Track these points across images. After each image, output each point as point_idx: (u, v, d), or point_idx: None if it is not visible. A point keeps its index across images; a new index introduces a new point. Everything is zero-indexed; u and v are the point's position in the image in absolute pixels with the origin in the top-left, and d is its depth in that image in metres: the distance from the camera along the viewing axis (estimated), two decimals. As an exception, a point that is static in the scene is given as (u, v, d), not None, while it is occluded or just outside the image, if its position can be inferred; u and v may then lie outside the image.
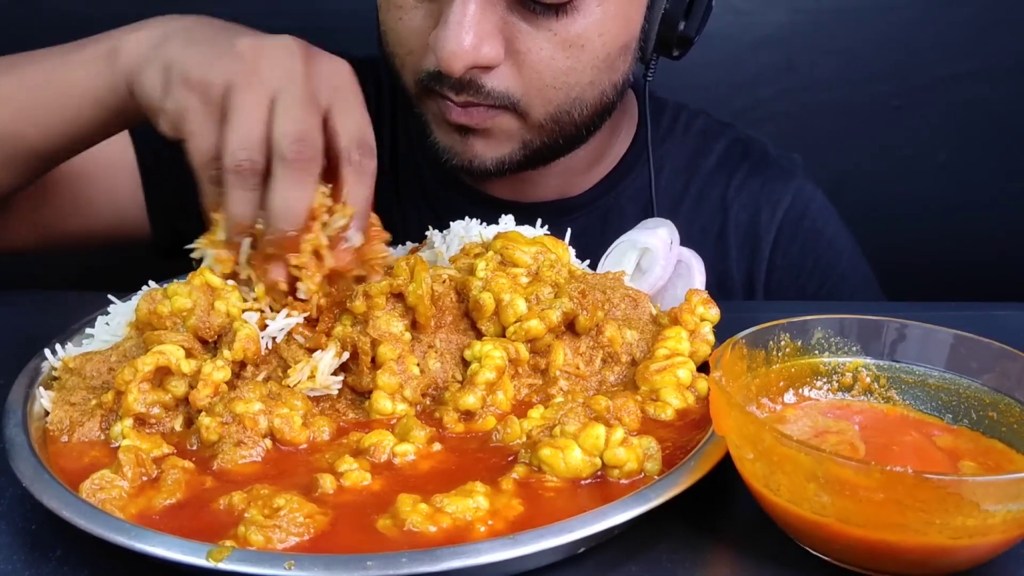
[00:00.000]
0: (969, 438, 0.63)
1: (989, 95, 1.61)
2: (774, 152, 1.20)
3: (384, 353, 0.70)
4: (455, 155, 0.98)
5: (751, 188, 1.16)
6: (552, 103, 0.95)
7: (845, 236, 1.19)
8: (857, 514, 0.52)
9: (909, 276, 1.36)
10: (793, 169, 1.18)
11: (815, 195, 1.18)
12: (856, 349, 0.68)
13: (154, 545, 0.52)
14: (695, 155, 1.18)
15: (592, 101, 0.98)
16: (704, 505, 0.62)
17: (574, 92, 0.95)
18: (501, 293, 0.73)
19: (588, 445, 0.61)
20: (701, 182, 1.16)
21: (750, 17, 1.58)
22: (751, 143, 1.20)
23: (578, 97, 0.96)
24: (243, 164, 0.68)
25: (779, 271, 1.15)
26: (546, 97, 0.94)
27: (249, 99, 0.69)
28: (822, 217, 1.17)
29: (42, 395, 0.70)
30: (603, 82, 0.97)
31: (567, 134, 0.99)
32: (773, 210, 1.15)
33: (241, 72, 0.69)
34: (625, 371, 0.75)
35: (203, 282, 0.74)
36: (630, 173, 1.14)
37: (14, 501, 0.62)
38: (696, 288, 0.81)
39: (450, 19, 0.86)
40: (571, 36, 0.91)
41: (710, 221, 1.15)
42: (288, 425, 0.65)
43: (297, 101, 0.69)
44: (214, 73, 0.70)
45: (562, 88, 0.94)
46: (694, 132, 1.19)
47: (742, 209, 1.15)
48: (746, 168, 1.17)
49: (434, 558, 0.51)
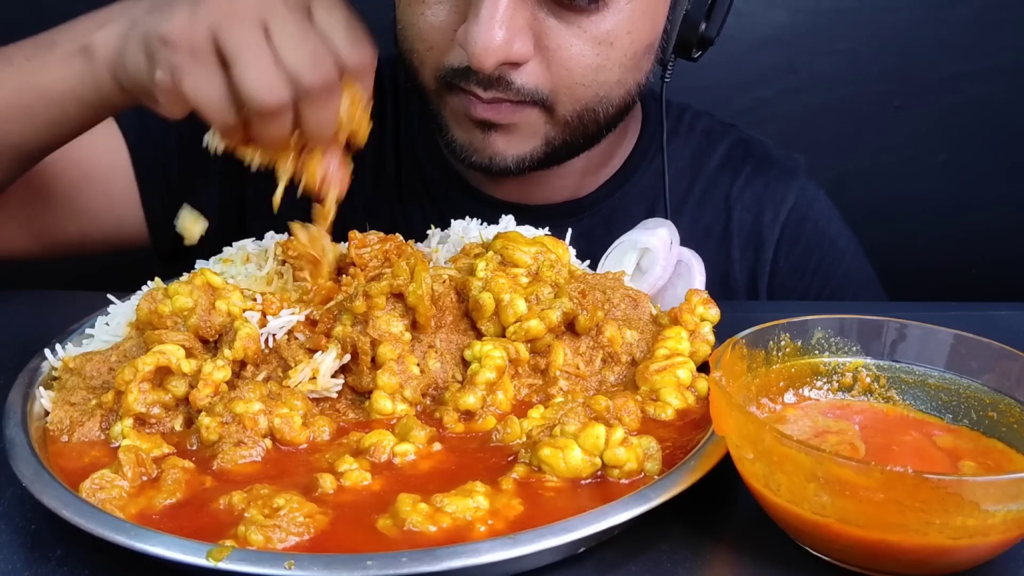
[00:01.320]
0: (969, 438, 0.63)
1: (989, 95, 1.61)
2: (776, 153, 1.20)
3: (384, 353, 0.70)
4: (475, 152, 0.97)
5: (754, 189, 1.16)
6: (580, 101, 0.95)
7: (848, 237, 1.19)
8: (857, 514, 0.52)
9: (909, 276, 1.36)
10: (795, 170, 1.18)
11: (818, 196, 1.18)
12: (856, 349, 0.68)
13: (154, 545, 0.52)
14: (699, 155, 1.18)
15: (618, 100, 0.98)
16: (704, 505, 0.62)
17: (602, 90, 0.95)
18: (501, 293, 0.73)
19: (588, 445, 0.61)
20: (705, 182, 1.16)
21: (751, 18, 1.58)
22: (753, 144, 1.20)
23: (605, 96, 0.95)
24: (271, 104, 0.68)
25: (782, 272, 1.15)
26: (575, 95, 0.94)
27: (242, 36, 0.68)
28: (825, 218, 1.17)
29: (42, 395, 0.70)
30: (629, 81, 0.97)
31: (589, 132, 0.99)
32: (776, 211, 1.15)
33: (220, 12, 0.68)
34: (625, 371, 0.75)
35: (204, 281, 0.74)
36: (635, 174, 1.14)
37: (14, 501, 0.62)
38: (696, 288, 0.81)
39: (481, 14, 0.85)
40: (601, 33, 0.91)
41: (714, 221, 1.15)
42: (288, 425, 0.65)
43: (290, 22, 0.69)
44: (193, 24, 0.68)
45: (591, 86, 0.94)
46: (698, 132, 1.20)
47: (745, 210, 1.15)
48: (749, 169, 1.17)
49: (434, 558, 0.51)
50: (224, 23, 0.68)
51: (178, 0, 0.71)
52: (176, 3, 0.71)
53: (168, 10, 0.71)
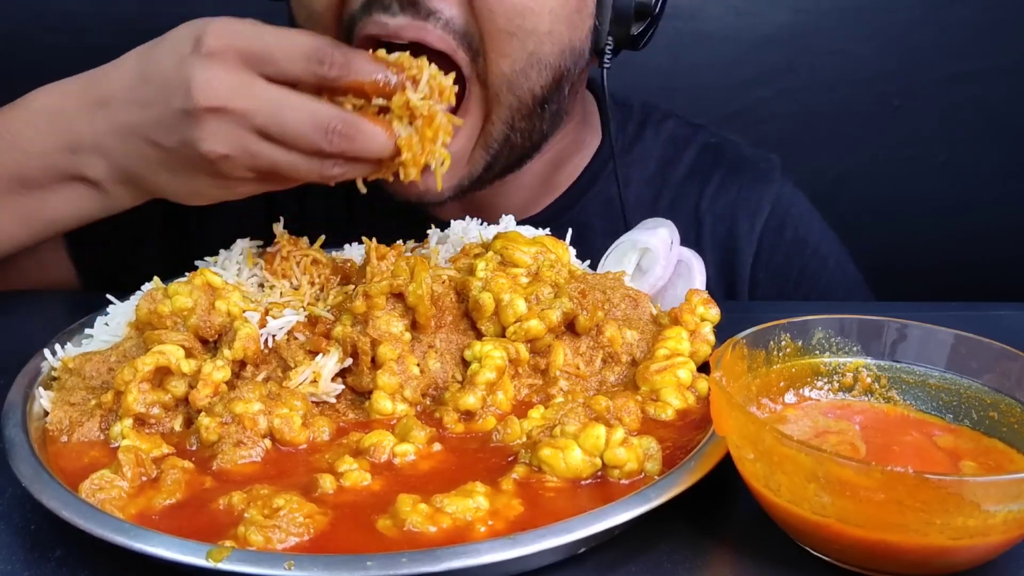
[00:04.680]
0: (970, 438, 0.63)
1: (989, 95, 1.61)
2: (749, 153, 1.14)
3: (384, 353, 0.70)
4: (398, 191, 0.88)
5: (726, 198, 1.09)
6: (508, 56, 0.86)
7: (830, 240, 1.13)
8: (857, 514, 0.52)
9: (909, 276, 1.36)
10: (770, 173, 1.12)
11: (795, 199, 1.12)
12: (857, 349, 0.68)
13: (154, 545, 0.52)
14: (664, 164, 1.11)
15: (553, 61, 0.89)
16: (704, 505, 0.62)
17: (531, 42, 0.86)
18: (501, 293, 0.73)
19: (588, 445, 0.61)
20: (672, 193, 1.10)
21: (750, 18, 1.58)
22: (724, 147, 1.13)
23: (536, 51, 0.87)
24: (336, 127, 0.74)
25: (763, 284, 1.09)
26: (501, 47, 0.85)
27: (259, 106, 0.73)
28: (804, 223, 1.11)
29: (42, 395, 0.70)
30: (563, 36, 0.89)
31: (524, 113, 0.90)
32: (752, 220, 1.09)
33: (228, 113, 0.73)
34: (625, 371, 0.75)
35: (204, 282, 0.74)
36: (594, 185, 1.08)
37: (14, 501, 0.62)
38: (696, 288, 0.81)
39: None
40: None
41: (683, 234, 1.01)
42: (288, 425, 0.65)
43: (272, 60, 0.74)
44: (192, 141, 0.74)
45: (517, 34, 0.85)
46: (663, 139, 1.13)
47: (718, 221, 1.09)
48: (719, 176, 1.10)
49: (434, 558, 0.51)
50: (216, 111, 0.74)
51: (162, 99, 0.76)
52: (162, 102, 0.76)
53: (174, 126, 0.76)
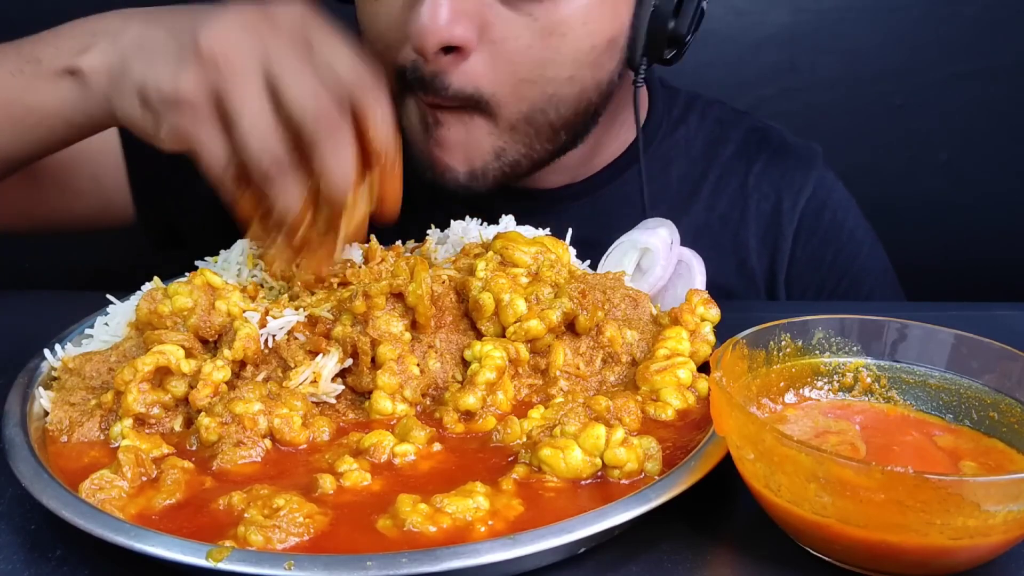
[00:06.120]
0: (970, 438, 0.63)
1: (991, 94, 1.61)
2: (793, 141, 1.18)
3: (384, 353, 0.70)
4: (427, 168, 0.95)
5: (771, 177, 1.14)
6: (526, 100, 0.91)
7: (864, 228, 1.17)
8: (858, 514, 0.52)
9: (910, 276, 1.36)
10: (814, 159, 1.16)
11: (835, 186, 1.16)
12: (857, 349, 0.68)
13: (154, 545, 0.52)
14: (713, 142, 1.16)
15: (571, 99, 0.93)
16: (704, 505, 0.62)
17: (550, 88, 0.91)
18: (501, 293, 0.73)
19: (588, 445, 0.61)
20: (720, 169, 1.14)
21: (752, 17, 1.58)
22: (770, 131, 1.18)
23: (555, 94, 0.92)
24: (270, 165, 0.66)
25: (800, 263, 1.13)
26: (520, 93, 0.90)
27: (242, 95, 0.67)
28: (843, 208, 1.15)
29: (42, 395, 0.70)
30: (584, 79, 0.93)
31: (543, 137, 0.95)
32: (795, 200, 1.13)
33: (218, 72, 0.67)
34: (625, 371, 0.75)
35: (204, 281, 0.74)
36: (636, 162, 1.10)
37: (14, 501, 0.62)
38: (696, 288, 0.81)
39: None
40: (552, 23, 0.87)
41: (730, 209, 1.12)
42: (288, 425, 0.65)
43: (289, 69, 0.67)
44: (193, 84, 0.67)
45: (538, 82, 0.90)
46: (711, 119, 1.17)
47: (763, 198, 1.13)
48: (765, 157, 1.15)
49: (434, 558, 0.51)
50: (224, 83, 0.67)
51: (172, 41, 0.70)
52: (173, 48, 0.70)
53: (165, 58, 0.70)
